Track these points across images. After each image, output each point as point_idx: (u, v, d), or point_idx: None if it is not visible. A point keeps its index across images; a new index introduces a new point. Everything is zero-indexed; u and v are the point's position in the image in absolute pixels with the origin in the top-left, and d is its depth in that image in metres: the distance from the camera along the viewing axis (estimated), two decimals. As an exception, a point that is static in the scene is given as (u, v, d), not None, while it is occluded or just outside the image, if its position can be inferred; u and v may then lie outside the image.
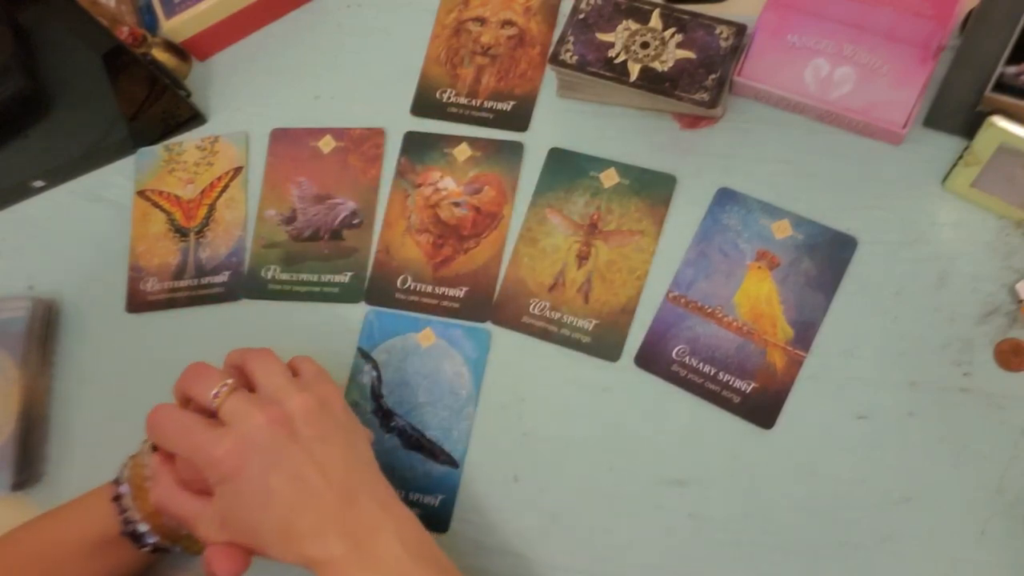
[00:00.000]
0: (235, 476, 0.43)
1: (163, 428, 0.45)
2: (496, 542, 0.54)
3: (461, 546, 0.54)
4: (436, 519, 0.55)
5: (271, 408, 0.44)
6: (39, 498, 0.61)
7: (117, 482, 0.51)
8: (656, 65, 0.56)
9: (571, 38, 0.58)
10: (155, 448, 0.51)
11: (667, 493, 0.52)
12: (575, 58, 0.58)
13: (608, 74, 0.57)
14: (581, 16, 0.59)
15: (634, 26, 0.57)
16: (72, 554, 0.51)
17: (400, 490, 0.56)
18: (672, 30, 0.57)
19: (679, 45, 0.56)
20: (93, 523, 0.51)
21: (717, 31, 0.56)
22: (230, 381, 0.45)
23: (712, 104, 0.55)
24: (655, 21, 0.57)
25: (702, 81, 0.55)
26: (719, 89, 0.55)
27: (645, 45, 0.56)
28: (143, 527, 0.49)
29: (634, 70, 0.56)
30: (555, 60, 0.58)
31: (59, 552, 0.51)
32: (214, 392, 0.45)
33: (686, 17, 0.57)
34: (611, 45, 0.57)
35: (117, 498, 0.50)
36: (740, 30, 0.56)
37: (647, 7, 0.58)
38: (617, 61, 0.57)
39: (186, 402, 0.48)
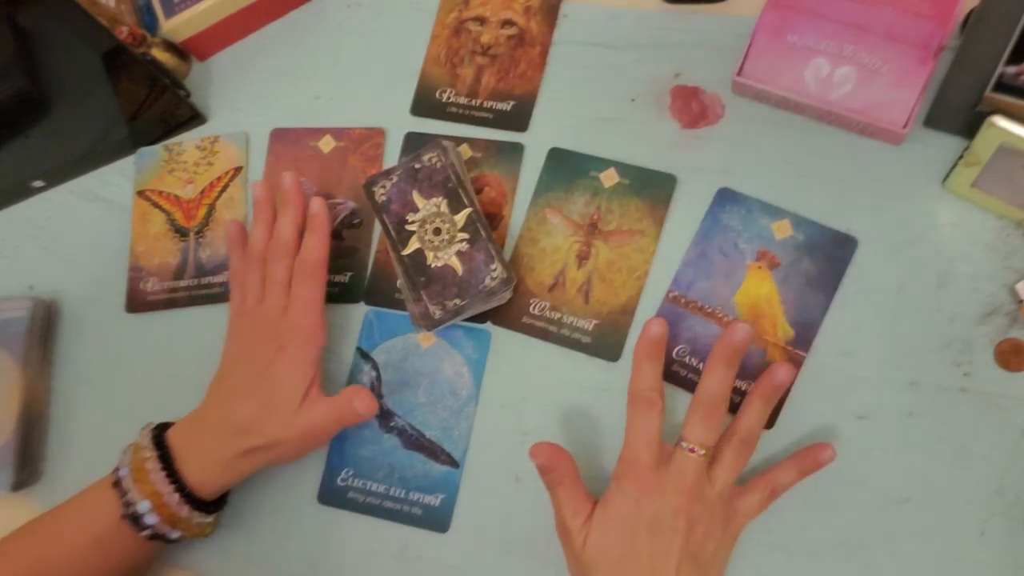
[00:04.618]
0: (625, 500, 0.46)
1: (639, 407, 0.48)
2: (496, 542, 0.54)
3: (461, 546, 0.54)
4: (436, 519, 0.55)
5: (696, 499, 0.45)
6: (39, 498, 0.62)
7: (117, 469, 0.52)
8: (429, 255, 0.55)
9: (395, 178, 0.57)
10: (156, 436, 0.52)
11: (667, 493, 0.52)
12: (383, 199, 0.57)
13: (393, 234, 0.56)
14: (416, 167, 0.57)
15: (443, 208, 0.56)
16: (72, 548, 0.51)
17: (400, 490, 0.56)
18: (465, 235, 0.55)
19: (458, 253, 0.55)
20: (93, 513, 0.51)
21: (492, 266, 0.54)
22: (706, 452, 0.46)
23: (429, 325, 0.54)
24: (460, 217, 0.55)
25: (446, 299, 0.54)
26: (447, 316, 0.54)
27: (437, 232, 0.55)
28: (143, 506, 0.50)
29: (411, 246, 0.56)
30: (367, 187, 0.58)
31: (59, 547, 0.51)
32: (695, 446, 0.46)
33: (483, 235, 0.55)
34: (416, 212, 0.56)
35: (117, 483, 0.51)
36: (509, 280, 0.54)
37: (464, 202, 0.56)
38: (408, 228, 0.56)
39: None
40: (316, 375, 0.53)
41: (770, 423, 0.52)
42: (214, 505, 0.54)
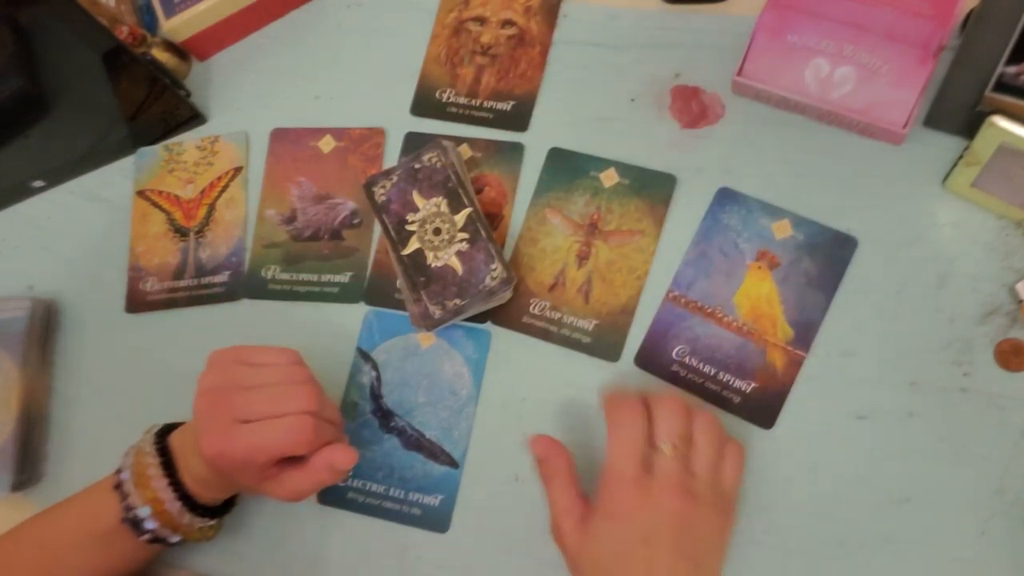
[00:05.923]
0: (616, 522, 0.45)
1: (621, 414, 0.47)
2: (496, 542, 0.54)
3: (461, 546, 0.54)
4: (436, 519, 0.55)
5: (686, 499, 0.44)
6: (39, 498, 0.62)
7: (119, 471, 0.52)
8: (430, 255, 0.55)
9: (395, 178, 0.57)
10: (159, 438, 0.51)
11: (667, 493, 0.52)
12: (383, 199, 0.57)
13: (393, 234, 0.56)
14: (416, 167, 0.57)
15: (443, 208, 0.56)
16: (73, 545, 0.51)
17: (400, 490, 0.56)
18: (465, 235, 0.55)
19: (458, 253, 0.55)
20: (94, 513, 0.51)
21: (492, 266, 0.54)
22: (680, 446, 0.46)
23: (429, 326, 0.54)
24: (460, 217, 0.56)
25: (446, 299, 0.54)
26: (447, 316, 0.54)
27: (437, 232, 0.55)
28: (144, 511, 0.50)
29: (411, 246, 0.56)
30: (367, 187, 0.58)
31: (60, 544, 0.51)
32: (672, 443, 0.46)
33: (483, 234, 0.55)
34: (416, 212, 0.56)
35: (118, 486, 0.51)
36: (509, 280, 0.54)
37: (464, 202, 0.56)
38: (408, 228, 0.56)
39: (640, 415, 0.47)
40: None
41: (769, 423, 0.52)
42: (218, 509, 0.54)
